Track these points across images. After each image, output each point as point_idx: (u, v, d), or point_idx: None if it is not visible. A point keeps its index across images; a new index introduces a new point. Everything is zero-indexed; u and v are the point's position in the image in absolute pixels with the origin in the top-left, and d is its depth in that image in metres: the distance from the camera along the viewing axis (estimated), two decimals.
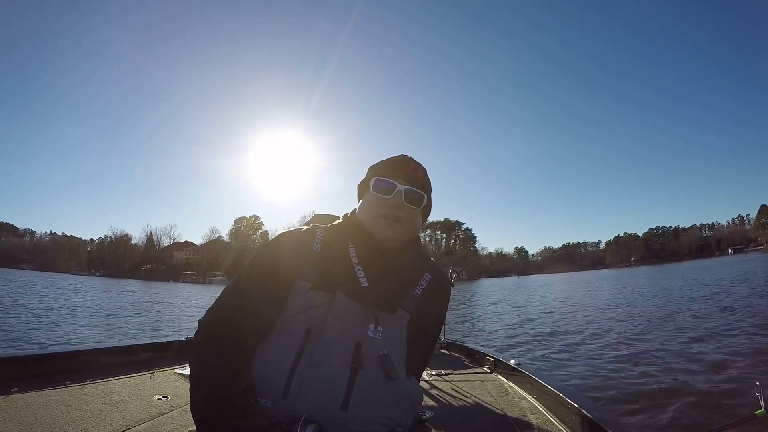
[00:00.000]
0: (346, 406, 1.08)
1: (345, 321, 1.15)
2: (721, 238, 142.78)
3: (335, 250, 1.25)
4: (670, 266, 77.33)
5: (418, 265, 1.34)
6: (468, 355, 4.12)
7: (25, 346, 8.79)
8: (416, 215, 1.30)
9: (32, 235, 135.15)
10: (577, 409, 2.08)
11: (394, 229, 1.24)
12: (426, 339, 1.35)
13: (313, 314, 1.15)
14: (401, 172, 1.29)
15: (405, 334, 1.24)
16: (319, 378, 1.09)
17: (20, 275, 56.29)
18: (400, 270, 1.27)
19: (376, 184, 1.27)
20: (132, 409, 2.32)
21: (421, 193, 1.29)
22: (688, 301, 16.34)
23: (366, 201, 1.30)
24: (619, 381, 6.06)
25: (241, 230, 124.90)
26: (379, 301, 1.19)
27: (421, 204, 1.30)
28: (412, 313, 1.26)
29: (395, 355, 1.18)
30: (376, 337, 1.16)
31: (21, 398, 2.25)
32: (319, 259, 1.23)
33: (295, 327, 1.14)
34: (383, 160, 1.37)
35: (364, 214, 1.28)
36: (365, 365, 1.12)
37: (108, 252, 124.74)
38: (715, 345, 7.99)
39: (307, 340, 1.12)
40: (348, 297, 1.17)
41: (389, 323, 1.20)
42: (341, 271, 1.20)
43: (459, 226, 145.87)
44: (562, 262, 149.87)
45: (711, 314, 12.19)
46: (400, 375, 1.17)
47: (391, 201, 1.24)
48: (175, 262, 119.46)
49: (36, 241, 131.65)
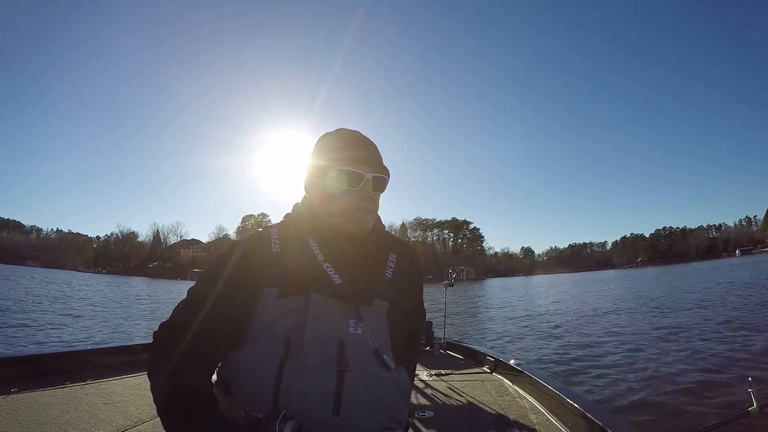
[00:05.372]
0: (338, 410, 1.03)
1: (324, 322, 1.08)
2: (729, 240, 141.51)
3: (296, 248, 1.16)
4: (677, 267, 76.77)
5: (382, 246, 1.27)
6: (468, 355, 4.10)
7: (25, 347, 8.84)
8: (378, 198, 1.22)
9: (38, 232, 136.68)
10: (577, 409, 2.06)
11: (367, 222, 1.18)
12: (408, 322, 1.28)
13: (290, 320, 1.08)
14: (363, 156, 1.19)
15: (386, 324, 1.18)
16: (306, 385, 1.03)
17: (21, 272, 56.34)
18: (369, 255, 1.21)
19: (342, 176, 1.16)
20: (132, 409, 2.32)
21: (386, 178, 1.21)
22: (689, 303, 16.25)
23: (326, 192, 1.19)
24: (616, 380, 6.08)
25: (248, 228, 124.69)
26: (355, 295, 1.13)
27: (386, 187, 1.22)
28: (388, 299, 1.20)
29: (381, 348, 1.13)
30: (357, 332, 1.11)
31: (21, 398, 2.25)
32: (280, 260, 1.14)
33: (272, 336, 1.08)
34: (335, 140, 1.23)
35: (329, 208, 1.18)
36: (351, 364, 1.07)
37: (114, 249, 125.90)
38: (710, 343, 8.03)
39: (288, 348, 1.06)
40: (322, 296, 1.10)
41: (369, 316, 1.14)
42: (310, 270, 1.13)
43: (466, 226, 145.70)
44: (568, 262, 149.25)
45: (709, 314, 12.16)
46: (391, 367, 1.13)
47: (362, 192, 1.16)
48: (182, 260, 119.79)
49: (42, 238, 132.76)
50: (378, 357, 1.11)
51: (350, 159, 1.17)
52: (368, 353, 1.10)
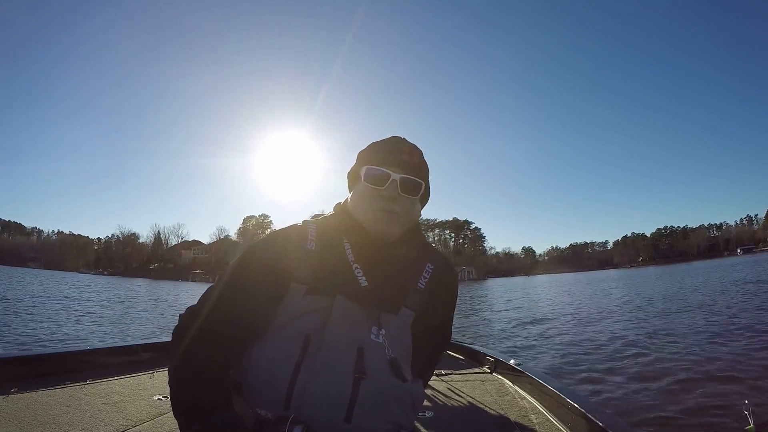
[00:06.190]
0: (350, 418, 1.01)
1: (346, 325, 1.06)
2: (730, 239, 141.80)
3: (330, 247, 1.14)
4: (679, 266, 76.60)
5: (419, 255, 1.23)
6: (468, 355, 4.08)
7: (25, 347, 8.81)
8: (414, 204, 1.19)
9: (39, 233, 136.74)
10: (577, 409, 2.05)
11: (391, 223, 1.14)
12: (433, 337, 1.24)
13: (311, 319, 1.06)
14: (395, 158, 1.17)
15: (409, 335, 1.15)
16: (321, 389, 1.01)
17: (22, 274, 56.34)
18: (400, 264, 1.17)
19: (368, 174, 1.16)
20: (132, 409, 2.30)
21: (418, 181, 1.18)
22: (690, 303, 16.14)
23: (358, 193, 1.18)
24: (616, 381, 6.06)
25: (249, 229, 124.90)
26: (380, 302, 1.10)
27: (419, 192, 1.19)
28: (416, 310, 1.16)
29: (400, 357, 1.10)
30: (379, 340, 1.08)
31: (21, 398, 2.24)
32: (314, 258, 1.12)
33: (292, 333, 1.05)
34: (373, 144, 1.24)
35: (357, 208, 1.17)
36: (369, 373, 1.04)
37: (116, 251, 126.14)
38: (711, 344, 7.98)
39: (306, 348, 1.03)
40: (348, 299, 1.08)
41: (392, 324, 1.11)
42: (339, 271, 1.10)
43: (468, 226, 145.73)
44: (569, 261, 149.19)
45: (711, 314, 12.10)
46: (407, 378, 1.10)
47: (386, 193, 1.13)
48: (183, 261, 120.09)
49: (43, 239, 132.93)
50: (394, 367, 1.08)
51: (381, 159, 1.17)
52: (385, 362, 1.08)
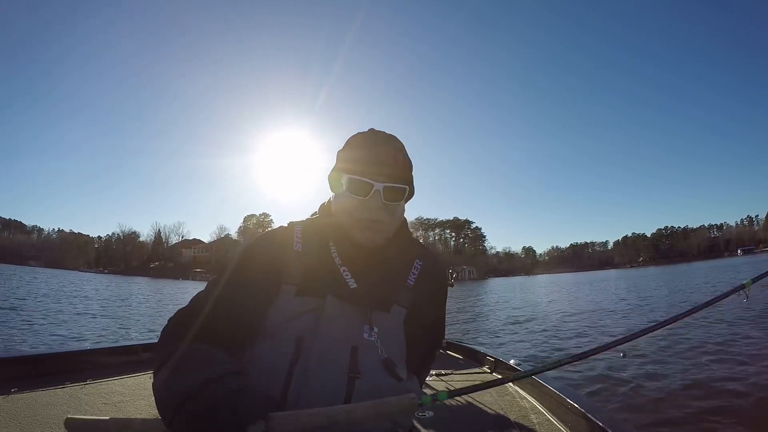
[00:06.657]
0: None
1: (338, 325, 1.06)
2: (730, 239, 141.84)
3: (317, 250, 1.14)
4: (679, 267, 76.51)
5: (407, 252, 1.23)
6: (468, 355, 4.08)
7: (25, 347, 8.80)
8: (398, 207, 1.17)
9: (40, 232, 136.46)
10: (577, 409, 2.04)
11: (377, 232, 1.13)
12: (426, 332, 1.23)
13: (304, 320, 1.06)
14: (377, 169, 1.12)
15: (402, 332, 1.14)
16: (316, 389, 1.00)
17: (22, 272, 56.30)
18: (389, 262, 1.17)
19: (351, 185, 1.13)
20: (132, 409, 2.30)
21: (402, 187, 1.15)
22: (691, 303, 16.04)
23: (341, 201, 1.16)
24: (616, 381, 6.03)
25: (250, 228, 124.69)
26: (371, 301, 1.10)
27: (403, 197, 1.17)
28: (407, 307, 1.16)
29: (394, 356, 1.10)
30: (372, 339, 1.08)
31: (21, 398, 2.24)
32: (302, 259, 1.13)
33: (285, 334, 1.05)
34: (353, 146, 1.19)
35: (341, 216, 1.16)
36: (363, 372, 1.04)
37: (116, 249, 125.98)
38: (712, 345, 7.93)
39: (300, 349, 1.03)
40: (338, 300, 1.07)
41: (385, 322, 1.11)
42: (328, 272, 1.11)
43: (468, 225, 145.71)
44: (569, 261, 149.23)
45: (713, 315, 12.07)
46: (401, 376, 1.10)
47: (370, 203, 1.11)
48: (184, 260, 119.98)
49: (44, 238, 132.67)
50: (388, 366, 1.07)
51: (363, 167, 1.13)
52: (379, 362, 1.07)
